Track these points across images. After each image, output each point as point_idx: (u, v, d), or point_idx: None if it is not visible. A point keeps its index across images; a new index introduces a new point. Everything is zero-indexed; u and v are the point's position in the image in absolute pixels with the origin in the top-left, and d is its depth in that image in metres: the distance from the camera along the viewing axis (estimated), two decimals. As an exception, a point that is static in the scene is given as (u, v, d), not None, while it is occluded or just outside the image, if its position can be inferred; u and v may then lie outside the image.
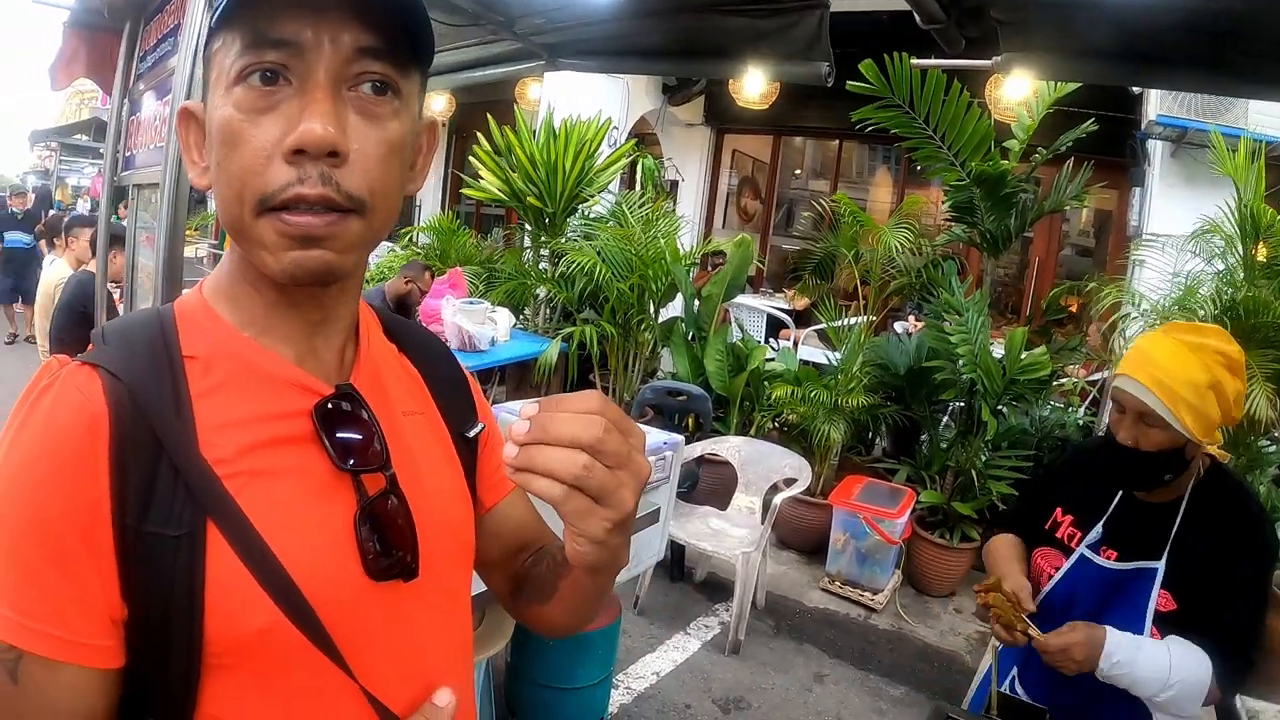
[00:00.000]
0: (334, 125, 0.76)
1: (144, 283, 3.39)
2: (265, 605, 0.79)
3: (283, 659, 0.82)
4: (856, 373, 5.60)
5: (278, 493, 0.84)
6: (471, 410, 1.14)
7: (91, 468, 0.77)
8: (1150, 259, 5.15)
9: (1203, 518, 1.93)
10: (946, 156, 5.07)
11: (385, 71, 0.79)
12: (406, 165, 0.87)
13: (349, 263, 0.82)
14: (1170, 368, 1.84)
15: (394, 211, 0.85)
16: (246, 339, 0.88)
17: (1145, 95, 6.31)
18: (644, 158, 8.68)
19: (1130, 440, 1.91)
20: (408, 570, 0.89)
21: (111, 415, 0.79)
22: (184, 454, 0.80)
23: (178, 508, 0.79)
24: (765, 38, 3.14)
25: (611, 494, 0.73)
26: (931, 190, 9.47)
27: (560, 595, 1.04)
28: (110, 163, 3.92)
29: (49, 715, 0.79)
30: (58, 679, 0.77)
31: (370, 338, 1.00)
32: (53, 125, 22.58)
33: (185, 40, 2.67)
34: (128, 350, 0.85)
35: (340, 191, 0.77)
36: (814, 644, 4.47)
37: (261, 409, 0.86)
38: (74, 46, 4.20)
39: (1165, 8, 2.41)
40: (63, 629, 0.76)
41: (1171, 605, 1.92)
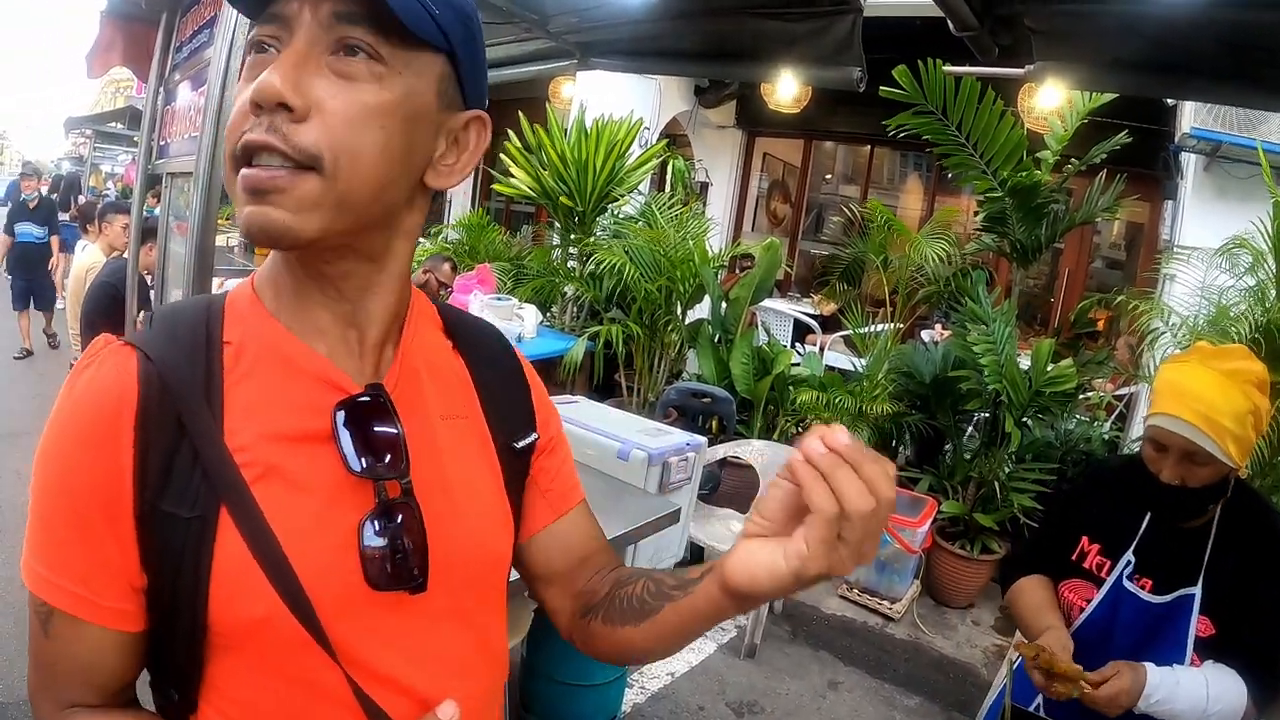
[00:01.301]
0: (285, 79, 0.76)
1: (175, 271, 3.43)
2: (267, 595, 0.81)
3: (281, 648, 0.84)
4: (882, 380, 5.58)
5: (292, 487, 0.85)
6: (527, 419, 1.11)
7: (115, 442, 0.81)
8: (1180, 273, 5.10)
9: (1232, 538, 1.90)
10: (979, 165, 5.04)
11: (363, 37, 0.79)
12: (406, 143, 0.84)
13: (308, 226, 0.79)
14: (1215, 401, 1.78)
15: (372, 182, 0.82)
16: (281, 328, 0.89)
17: (1179, 107, 6.25)
18: (674, 159, 8.67)
19: (1176, 480, 1.85)
20: (413, 583, 0.88)
21: (139, 394, 0.82)
22: (205, 439, 0.83)
23: (193, 490, 0.81)
24: (797, 41, 3.13)
25: (856, 547, 0.75)
26: (962, 198, 9.43)
27: (662, 619, 0.98)
28: (144, 151, 3.96)
29: (75, 668, 0.87)
30: (83, 636, 0.84)
31: (417, 335, 0.99)
32: (87, 113, 22.82)
33: (221, 32, 2.70)
34: (168, 334, 0.87)
35: (289, 143, 0.77)
36: (830, 651, 4.46)
37: (288, 401, 0.87)
38: (111, 36, 4.25)
39: (1200, 20, 2.38)
40: (87, 590, 0.82)
41: (1210, 630, 1.88)
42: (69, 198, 13.51)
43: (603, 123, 6.93)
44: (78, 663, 0.86)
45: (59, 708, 0.88)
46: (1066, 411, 5.26)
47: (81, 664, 0.86)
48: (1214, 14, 2.33)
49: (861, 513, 0.72)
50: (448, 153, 0.91)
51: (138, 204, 4.24)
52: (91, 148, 19.51)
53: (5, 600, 3.97)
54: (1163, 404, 1.85)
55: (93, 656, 0.86)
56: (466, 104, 0.91)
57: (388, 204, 0.86)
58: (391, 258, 0.92)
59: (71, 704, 0.88)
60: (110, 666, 0.87)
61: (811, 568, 0.76)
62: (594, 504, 1.22)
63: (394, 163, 0.83)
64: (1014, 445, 4.96)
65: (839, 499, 0.73)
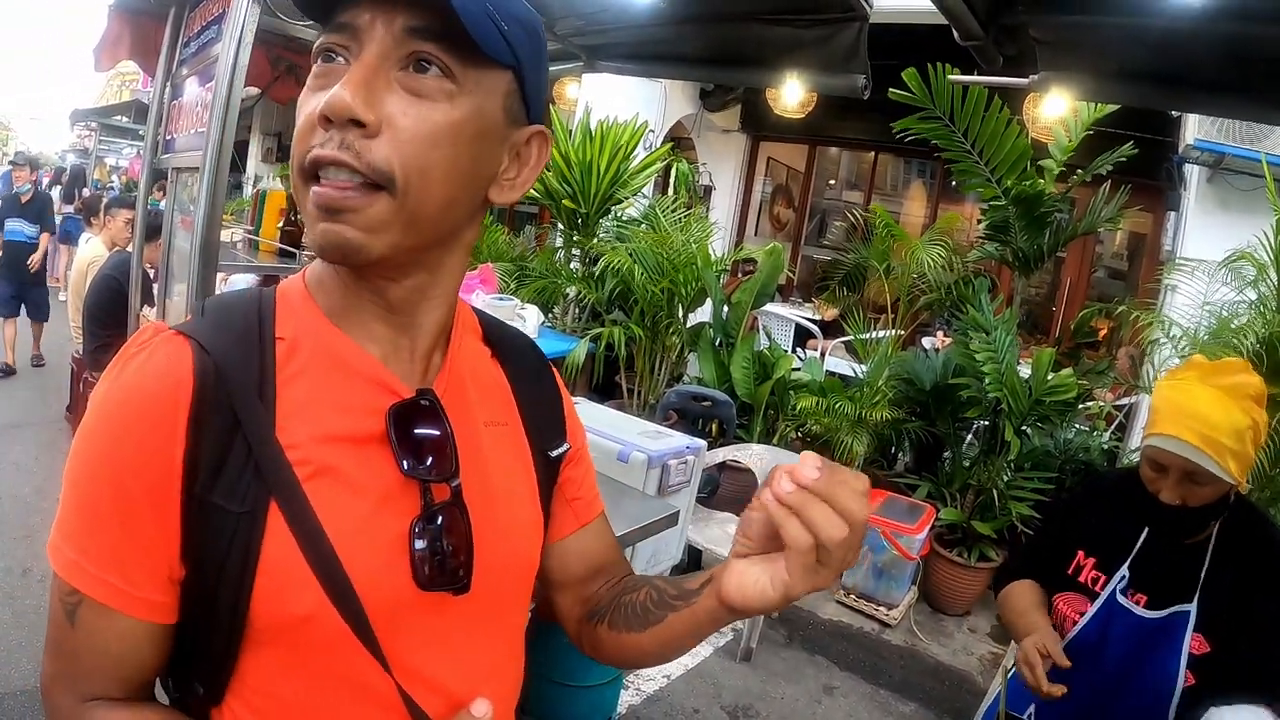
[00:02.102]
0: (358, 95, 0.76)
1: (179, 265, 3.43)
2: (314, 592, 0.81)
3: (323, 645, 0.84)
4: (882, 386, 5.59)
5: (344, 487, 0.85)
6: (560, 428, 1.13)
7: (169, 433, 0.80)
8: (1182, 284, 5.10)
9: (1230, 554, 1.88)
10: (983, 173, 5.05)
11: (435, 53, 0.79)
12: (473, 160, 0.85)
13: (378, 244, 0.80)
14: (1214, 419, 1.77)
15: (440, 200, 0.83)
16: (335, 329, 0.89)
17: (1183, 119, 6.24)
18: (679, 162, 8.68)
19: (1177, 500, 1.84)
20: (459, 584, 0.89)
21: (195, 386, 0.82)
22: (259, 434, 0.82)
23: (244, 485, 0.81)
24: (803, 48, 3.14)
25: (837, 567, 0.78)
26: (965, 205, 9.43)
27: (665, 626, 1.01)
28: (150, 145, 3.97)
29: (101, 659, 0.84)
30: (112, 626, 0.82)
31: (463, 342, 1.01)
32: (93, 105, 22.82)
33: (229, 28, 2.70)
34: (222, 326, 0.87)
35: (361, 160, 0.77)
36: (826, 656, 4.47)
37: (340, 401, 0.87)
38: (119, 29, 4.27)
39: (1203, 33, 2.39)
40: (122, 579, 0.81)
41: (1205, 648, 1.86)
42: (73, 190, 13.49)
43: (607, 125, 6.93)
44: (104, 654, 0.84)
45: (78, 700, 0.86)
46: (1066, 421, 5.27)
47: (108, 655, 0.85)
48: (1218, 27, 2.34)
49: (835, 541, 0.74)
50: (509, 167, 0.91)
51: (142, 198, 4.25)
52: (96, 141, 19.51)
53: (3, 591, 3.98)
54: (1161, 424, 1.84)
55: (121, 648, 0.84)
56: (529, 118, 0.92)
57: (453, 220, 0.87)
58: (447, 271, 0.92)
59: (92, 696, 0.86)
60: (138, 659, 0.86)
61: (796, 590, 0.80)
62: (593, 505, 1.24)
63: (462, 181, 0.84)
64: (1013, 454, 4.97)
65: (813, 532, 0.74)
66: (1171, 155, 6.69)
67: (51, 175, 14.87)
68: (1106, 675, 1.97)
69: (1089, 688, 1.99)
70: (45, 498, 5.06)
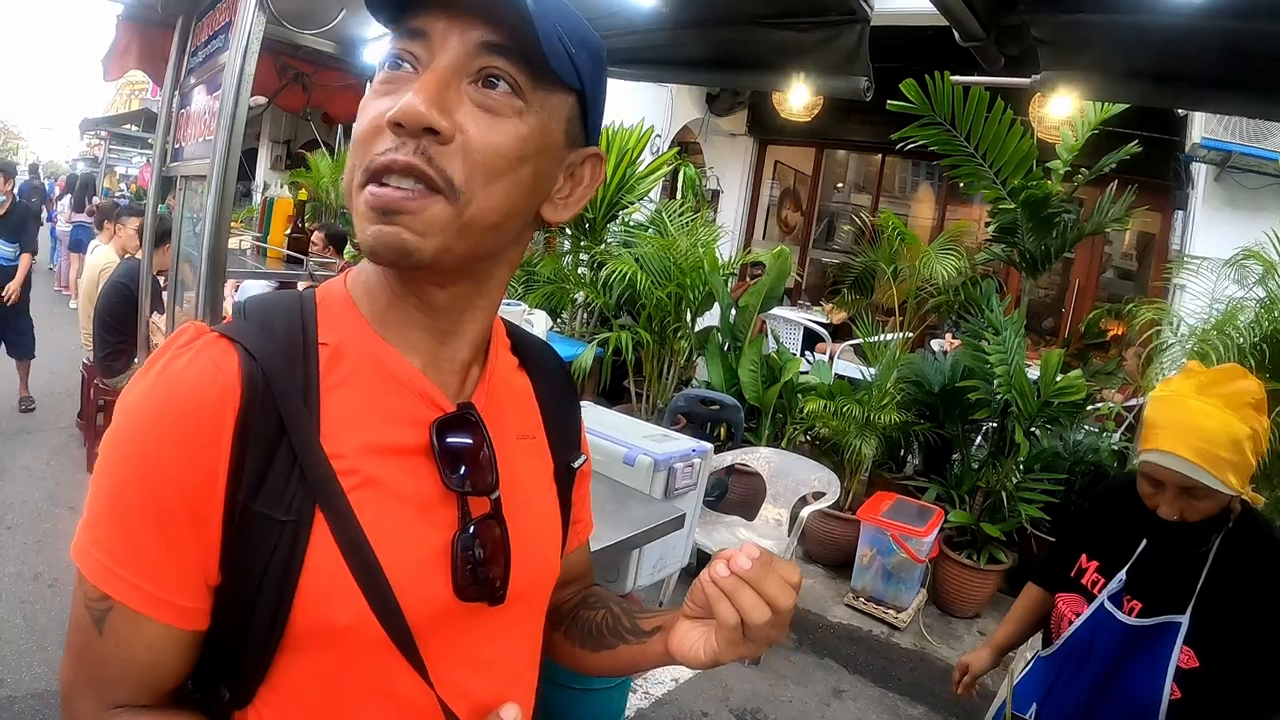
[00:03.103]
0: (433, 103, 0.76)
1: (188, 272, 3.46)
2: (357, 601, 0.81)
3: (362, 654, 0.84)
4: (890, 389, 5.57)
5: (387, 498, 0.85)
6: (577, 440, 1.15)
7: (214, 439, 0.79)
8: (1191, 283, 5.09)
9: (1233, 571, 1.83)
10: (988, 175, 5.05)
11: (507, 69, 0.80)
12: (533, 177, 0.85)
13: (429, 247, 0.79)
14: (1211, 432, 1.73)
15: (497, 213, 0.83)
16: (379, 338, 0.89)
17: (1190, 117, 6.23)
18: (686, 166, 8.69)
19: (1175, 515, 1.82)
20: (496, 595, 0.91)
21: (243, 392, 0.81)
22: (306, 442, 0.82)
23: (290, 493, 0.81)
24: (806, 51, 3.14)
25: (762, 643, 0.87)
26: (974, 208, 9.43)
27: (614, 654, 1.11)
28: (159, 154, 4.00)
29: (127, 667, 0.82)
30: (141, 633, 0.80)
31: (498, 355, 1.02)
32: (103, 114, 22.93)
33: (236, 38, 2.73)
34: (266, 330, 0.86)
35: (432, 165, 0.77)
36: (835, 659, 4.46)
37: (384, 411, 0.88)
38: (127, 39, 4.29)
39: (1206, 30, 2.39)
40: (155, 585, 0.79)
41: (1194, 662, 1.83)
42: (83, 198, 13.56)
43: (614, 130, 6.95)
44: (132, 662, 0.82)
45: (102, 707, 0.84)
46: (1075, 422, 5.26)
47: (136, 663, 0.83)
48: (1219, 24, 2.34)
49: (758, 623, 0.84)
50: (563, 186, 0.92)
51: (152, 206, 4.28)
52: (106, 149, 19.59)
53: (14, 595, 4.00)
54: (1156, 439, 1.81)
55: (150, 655, 0.82)
56: (587, 140, 0.93)
57: (505, 234, 0.87)
58: (492, 284, 0.93)
59: (117, 704, 0.84)
60: (168, 665, 0.84)
61: (723, 658, 0.91)
62: (599, 509, 1.27)
63: (519, 196, 0.84)
64: (1022, 455, 4.95)
65: (740, 613, 0.85)
66: (1179, 154, 6.70)
67: (64, 185, 14.93)
68: (1093, 679, 1.97)
69: (1079, 690, 2.00)
70: (56, 504, 5.09)
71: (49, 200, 17.76)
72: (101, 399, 5.68)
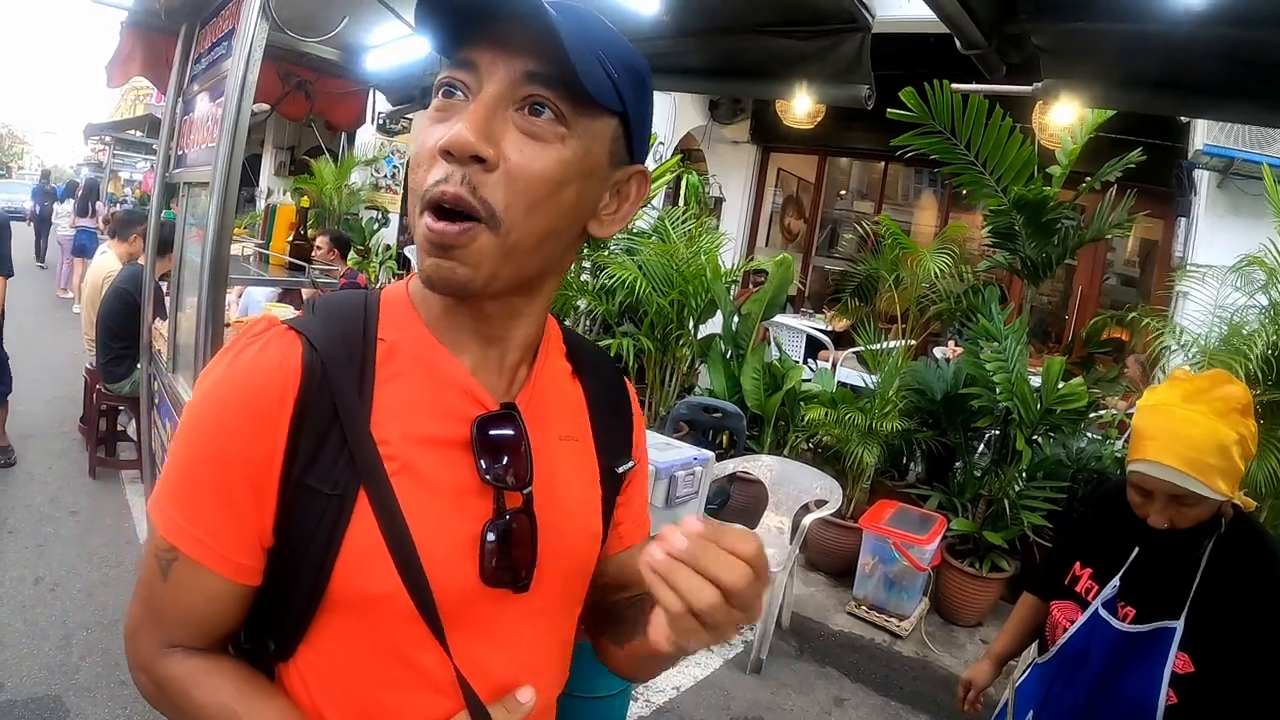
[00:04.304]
0: (479, 132, 0.83)
1: (190, 278, 3.46)
2: (390, 574, 0.90)
3: (390, 622, 0.92)
4: (893, 397, 5.57)
5: (425, 484, 0.93)
6: (627, 444, 1.18)
7: (275, 421, 0.89)
8: (1194, 291, 5.08)
9: (1226, 576, 1.83)
10: (989, 182, 5.04)
11: (551, 97, 0.85)
12: (576, 199, 0.91)
13: (480, 277, 0.87)
14: (1198, 440, 1.75)
15: (540, 234, 0.89)
16: (432, 338, 0.97)
17: (1192, 124, 6.24)
18: (688, 174, 8.69)
19: (1165, 523, 1.83)
20: (519, 584, 0.97)
21: (302, 380, 0.91)
22: (355, 427, 0.91)
23: (338, 471, 0.90)
24: (807, 59, 3.14)
25: (719, 628, 0.77)
26: (976, 215, 9.41)
27: (630, 649, 1.10)
28: (162, 160, 4.02)
29: (186, 612, 0.94)
30: (201, 583, 0.92)
31: (548, 358, 1.07)
32: (107, 119, 23.03)
33: (239, 45, 2.74)
34: (330, 325, 0.96)
35: (476, 195, 0.84)
36: (836, 667, 4.45)
37: (431, 405, 0.95)
38: (131, 46, 4.31)
39: (1208, 37, 2.38)
40: (216, 541, 0.90)
41: (1190, 668, 1.83)
42: (87, 203, 13.62)
43: (617, 137, 6.95)
44: (191, 608, 0.94)
45: (161, 645, 0.95)
46: (1078, 429, 5.25)
47: (194, 609, 0.94)
48: (1220, 31, 2.33)
49: (706, 607, 0.74)
50: (610, 203, 0.98)
51: (155, 212, 4.29)
52: (111, 154, 19.70)
53: (15, 599, 4.00)
54: (1144, 449, 1.83)
55: (207, 604, 0.93)
56: (632, 159, 0.97)
57: (551, 251, 0.94)
58: (540, 294, 1.00)
59: (173, 644, 0.95)
60: (222, 615, 0.95)
61: (687, 648, 0.81)
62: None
63: (563, 217, 0.90)
64: (1024, 463, 4.95)
65: (682, 598, 0.75)
66: (1181, 161, 6.70)
67: (79, 192, 14.95)
68: (1089, 686, 1.97)
69: (1075, 696, 2.01)
70: (58, 508, 5.09)
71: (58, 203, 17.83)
72: (104, 404, 5.69)
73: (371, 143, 11.83)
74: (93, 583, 4.28)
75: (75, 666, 3.54)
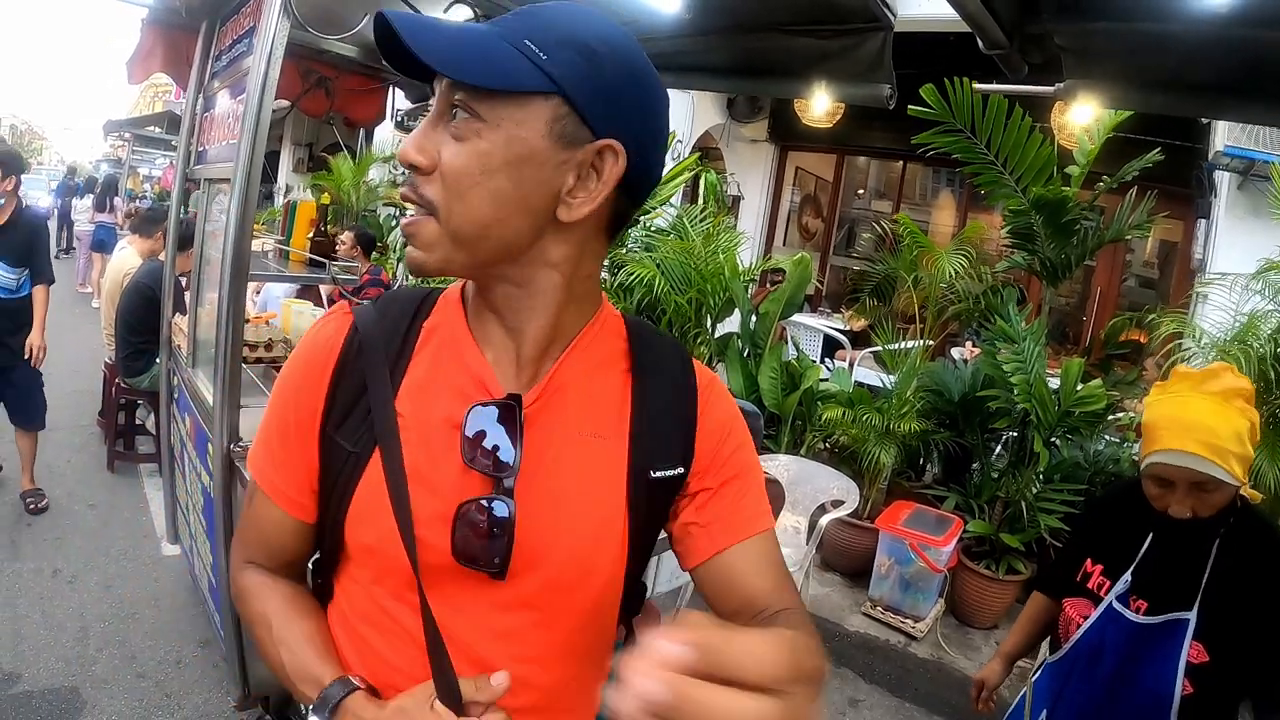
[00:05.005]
0: (414, 145, 0.96)
1: (210, 274, 3.48)
2: (386, 530, 1.02)
3: (385, 574, 1.07)
4: (910, 397, 5.54)
5: (430, 456, 1.04)
6: (679, 450, 1.13)
7: (319, 381, 1.11)
8: (1214, 294, 5.04)
9: (1237, 565, 1.86)
10: (1008, 182, 5.02)
11: (461, 100, 0.94)
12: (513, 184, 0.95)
13: (431, 259, 0.98)
14: (1216, 427, 1.79)
15: (480, 220, 0.96)
16: (466, 329, 1.09)
17: (1212, 125, 6.21)
18: (707, 172, 8.67)
19: (1188, 513, 1.85)
20: (491, 569, 1.02)
21: (341, 352, 1.11)
22: (380, 398, 1.06)
23: (360, 433, 1.06)
24: (828, 58, 3.14)
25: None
26: (994, 215, 9.37)
27: None
28: (183, 156, 4.03)
29: (259, 535, 1.19)
30: (269, 513, 1.15)
31: (589, 352, 1.11)
32: (126, 116, 23.13)
33: (261, 43, 2.74)
34: (382, 313, 1.14)
35: (417, 193, 0.97)
36: (851, 668, 4.44)
37: (447, 387, 1.07)
38: (152, 43, 4.33)
39: (1230, 39, 2.37)
40: (279, 479, 1.14)
41: (1204, 657, 1.86)
42: (105, 199, 13.69)
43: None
44: (261, 532, 1.18)
45: (242, 559, 1.20)
46: (1096, 432, 5.21)
47: (264, 533, 1.18)
48: (1243, 33, 2.32)
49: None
50: (578, 186, 0.98)
51: (175, 208, 4.31)
52: (130, 151, 19.77)
53: (34, 591, 4.04)
54: (1160, 440, 1.86)
55: (273, 530, 1.16)
56: (596, 134, 0.96)
57: (504, 240, 0.98)
58: (537, 287, 1.04)
59: (250, 560, 1.19)
60: (282, 542, 1.17)
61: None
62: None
63: (501, 204, 0.96)
64: (1042, 465, 4.92)
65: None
66: (1201, 162, 6.65)
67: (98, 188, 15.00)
68: (1106, 679, 1.99)
69: (1092, 691, 2.03)
70: (75, 501, 5.13)
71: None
72: (122, 398, 5.73)
73: (390, 139, 11.86)
74: (110, 575, 4.31)
75: (92, 658, 3.56)
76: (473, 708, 1.00)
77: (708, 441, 1.15)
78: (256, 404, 3.25)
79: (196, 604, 4.03)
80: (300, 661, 1.09)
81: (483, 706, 1.01)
